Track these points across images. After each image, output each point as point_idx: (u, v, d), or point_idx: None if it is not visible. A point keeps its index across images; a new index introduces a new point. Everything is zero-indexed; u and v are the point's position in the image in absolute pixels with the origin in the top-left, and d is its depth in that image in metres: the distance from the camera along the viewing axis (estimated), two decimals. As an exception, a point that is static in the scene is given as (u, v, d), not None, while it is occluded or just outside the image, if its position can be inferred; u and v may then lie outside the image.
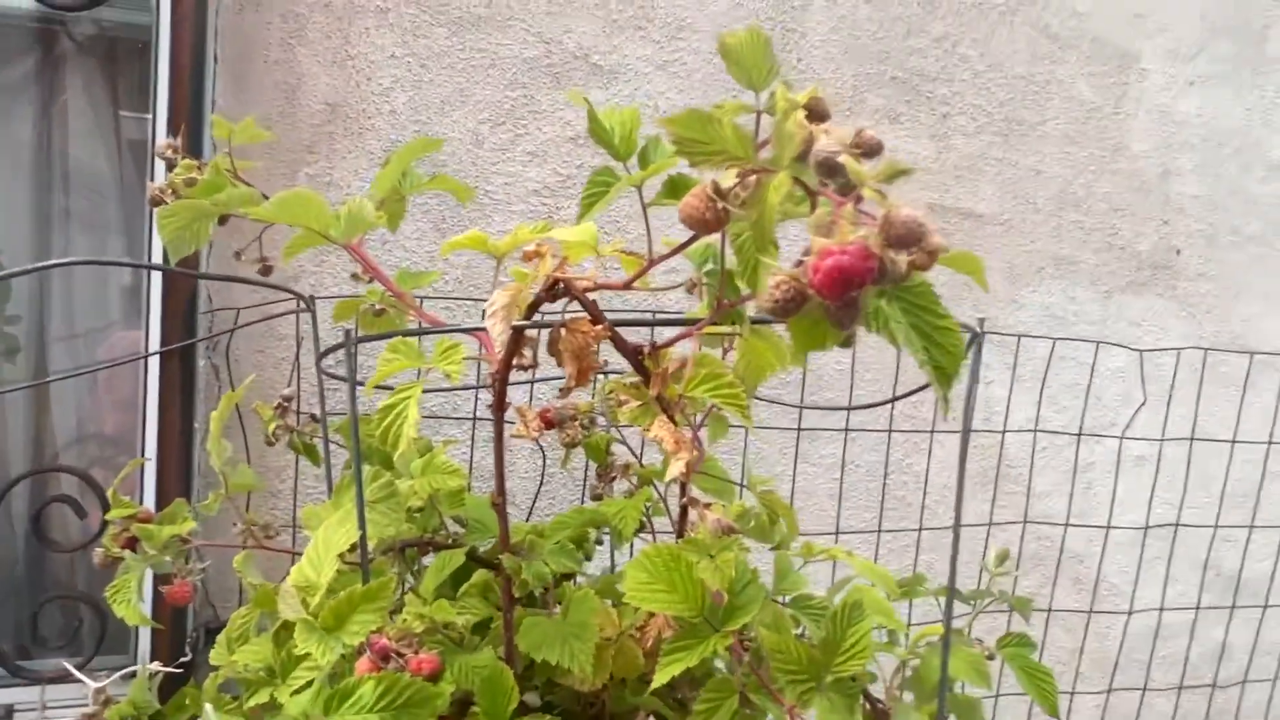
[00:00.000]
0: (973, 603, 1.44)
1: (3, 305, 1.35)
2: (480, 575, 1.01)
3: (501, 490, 0.78)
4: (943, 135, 1.74)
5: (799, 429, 1.50)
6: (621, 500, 0.92)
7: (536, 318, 0.75)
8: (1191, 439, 1.81)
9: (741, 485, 0.93)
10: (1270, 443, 1.89)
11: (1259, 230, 1.96)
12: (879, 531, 1.61)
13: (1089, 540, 1.85)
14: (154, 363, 1.26)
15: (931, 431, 1.67)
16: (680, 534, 0.80)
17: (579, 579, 1.14)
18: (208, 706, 0.74)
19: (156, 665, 1.21)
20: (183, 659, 1.23)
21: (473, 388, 1.38)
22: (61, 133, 1.38)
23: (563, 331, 0.71)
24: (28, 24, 1.34)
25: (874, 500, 1.70)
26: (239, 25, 1.37)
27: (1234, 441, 1.84)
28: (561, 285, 0.71)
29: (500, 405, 0.77)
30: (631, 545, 1.00)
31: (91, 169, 1.39)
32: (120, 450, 1.39)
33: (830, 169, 0.46)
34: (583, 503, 1.21)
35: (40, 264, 1.32)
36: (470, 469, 1.45)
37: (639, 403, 0.71)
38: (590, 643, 0.80)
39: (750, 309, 0.62)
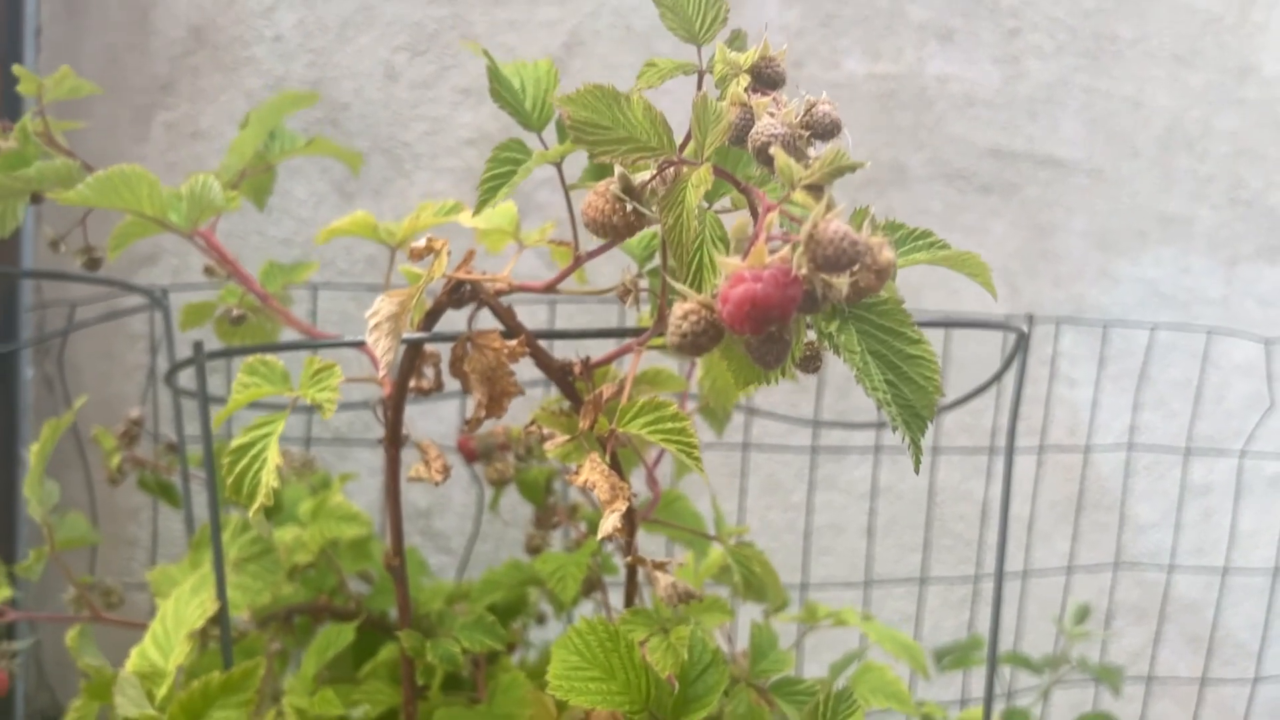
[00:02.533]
0: (1045, 671, 1.47)
1: None
2: (389, 653, 1.04)
3: (398, 547, 0.81)
4: (1011, 58, 1.75)
5: (813, 447, 1.53)
6: (561, 555, 0.94)
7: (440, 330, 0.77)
8: (1339, 454, 1.84)
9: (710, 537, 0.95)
10: None
11: None
12: (921, 580, 1.64)
13: (1205, 586, 1.88)
14: (-34, 376, 1.29)
15: (990, 449, 1.69)
16: (630, 600, 0.83)
17: (523, 651, 1.17)
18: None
19: (-26, 769, 1.24)
20: (9, 759, 1.26)
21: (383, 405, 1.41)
22: None
23: (469, 347, 0.74)
24: None
25: (918, 539, 1.73)
26: (74, -73, 1.40)
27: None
28: (468, 287, 0.74)
29: (394, 440, 0.79)
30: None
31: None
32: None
33: (768, 158, 0.48)
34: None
35: None
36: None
37: (568, 437, 0.73)
38: (518, 741, 0.83)
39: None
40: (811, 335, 0.56)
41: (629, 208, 0.51)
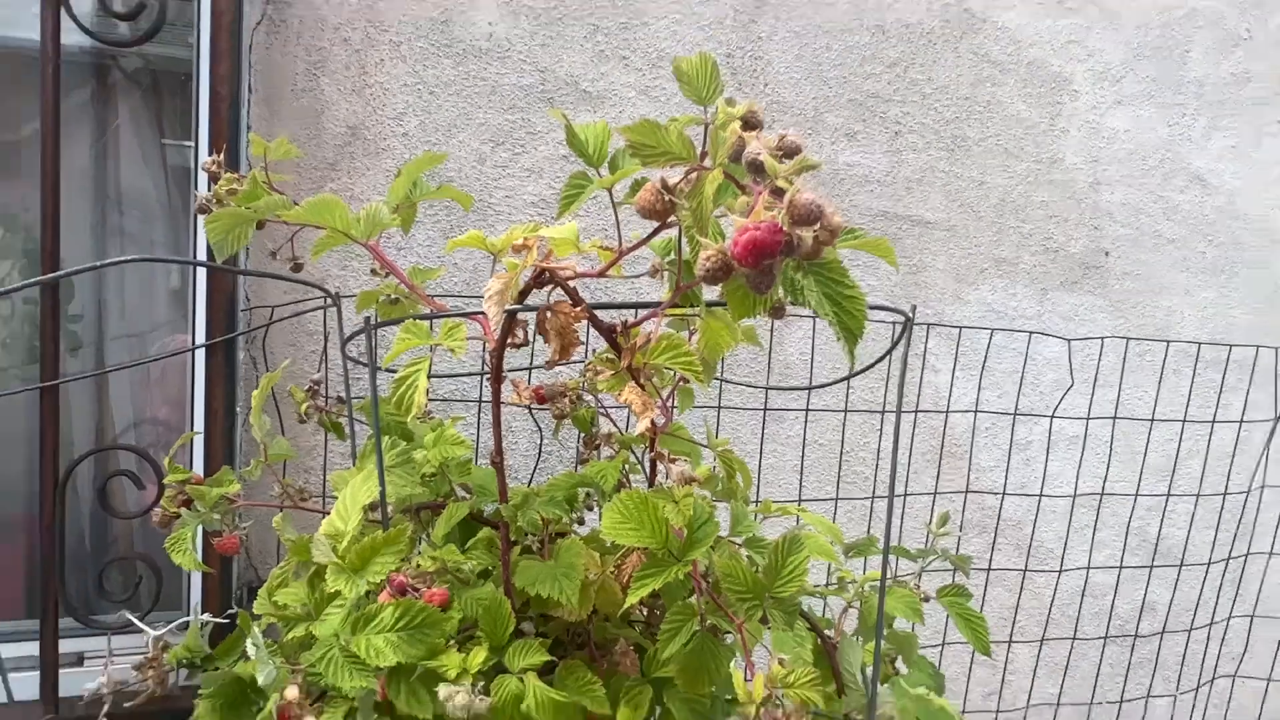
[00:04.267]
0: (919, 559, 1.50)
1: (66, 305, 1.41)
2: (485, 533, 1.06)
3: (499, 450, 0.84)
4: (895, 151, 1.79)
5: (765, 409, 1.56)
6: (603, 463, 0.97)
7: (528, 302, 0.81)
8: (1115, 418, 1.87)
9: (703, 446, 0.99)
10: (1185, 421, 1.95)
11: (1179, 234, 2.02)
12: (836, 500, 1.66)
13: (1025, 509, 1.91)
14: (200, 355, 1.32)
15: (883, 411, 1.72)
16: (651, 484, 0.86)
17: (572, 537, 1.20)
18: (255, 632, 0.80)
19: (207, 616, 1.27)
20: (229, 611, 1.29)
21: (478, 374, 1.44)
22: (114, 158, 1.44)
23: (548, 313, 0.78)
24: (83, 59, 1.40)
25: (834, 474, 1.76)
26: (269, 58, 1.43)
27: (1153, 420, 1.90)
28: (547, 274, 0.77)
29: (497, 378, 0.83)
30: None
31: (140, 191, 1.45)
32: (172, 433, 1.45)
33: (756, 167, 0.52)
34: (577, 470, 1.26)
35: (100, 262, 1.38)
36: (476, 448, 1.50)
37: (613, 372, 0.77)
38: (577, 580, 0.86)
39: (705, 292, 0.68)
40: (780, 294, 0.59)
41: (667, 198, 0.55)
